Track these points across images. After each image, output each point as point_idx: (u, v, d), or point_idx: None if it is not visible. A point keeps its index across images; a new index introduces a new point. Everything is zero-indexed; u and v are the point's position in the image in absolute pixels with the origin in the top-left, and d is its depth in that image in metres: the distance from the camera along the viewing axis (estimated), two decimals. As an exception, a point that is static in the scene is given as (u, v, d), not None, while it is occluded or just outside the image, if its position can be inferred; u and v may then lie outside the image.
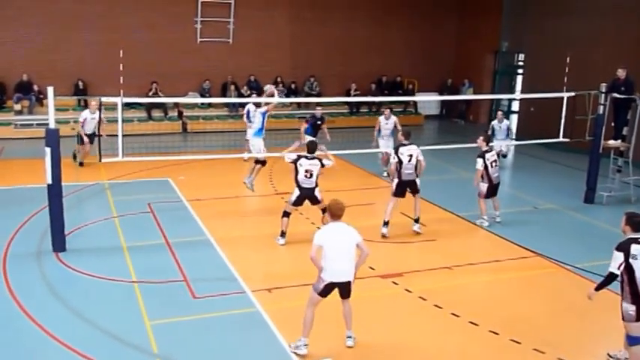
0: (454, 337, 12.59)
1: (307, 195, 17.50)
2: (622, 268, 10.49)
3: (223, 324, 12.82)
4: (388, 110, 25.53)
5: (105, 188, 22.28)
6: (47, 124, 15.75)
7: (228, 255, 16.35)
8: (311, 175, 17.52)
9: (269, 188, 22.72)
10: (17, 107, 31.91)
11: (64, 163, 16.24)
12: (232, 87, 35.75)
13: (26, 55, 32.47)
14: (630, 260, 10.44)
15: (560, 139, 21.47)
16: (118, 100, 17.14)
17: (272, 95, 21.57)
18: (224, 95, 35.68)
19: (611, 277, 10.64)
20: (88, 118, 25.05)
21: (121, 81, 21.19)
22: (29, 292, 13.82)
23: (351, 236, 11.52)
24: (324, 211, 17.26)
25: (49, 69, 32.09)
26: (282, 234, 17.50)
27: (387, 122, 25.16)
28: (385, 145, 24.36)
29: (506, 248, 17.78)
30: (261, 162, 20.52)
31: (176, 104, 34.48)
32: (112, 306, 13.40)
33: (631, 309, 10.50)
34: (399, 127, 23.70)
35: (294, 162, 17.48)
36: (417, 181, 18.34)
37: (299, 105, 37.37)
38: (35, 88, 32.07)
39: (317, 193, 17.64)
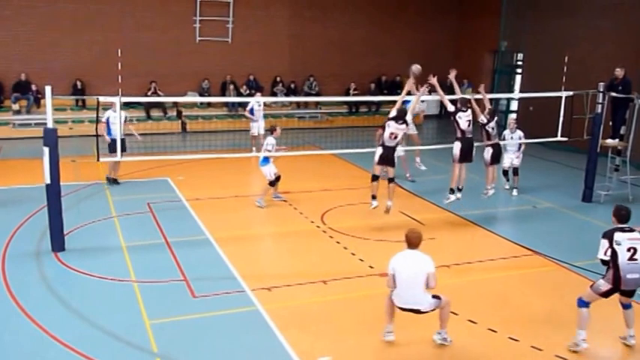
0: (453, 335, 12.45)
1: (388, 154, 18.16)
2: (608, 253, 11.46)
3: (223, 323, 12.82)
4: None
5: (104, 188, 22.30)
6: (45, 124, 15.78)
7: (227, 254, 16.35)
8: (395, 137, 18.11)
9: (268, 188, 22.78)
10: (15, 107, 31.96)
11: (62, 163, 16.19)
12: (231, 86, 35.80)
13: (24, 54, 32.53)
14: (614, 246, 11.41)
15: (559, 138, 21.52)
16: (117, 100, 17.16)
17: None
18: (223, 95, 35.73)
19: (603, 263, 11.67)
20: (112, 117, 21.67)
21: (120, 80, 21.19)
22: (28, 292, 13.82)
23: (424, 265, 11.56)
24: (390, 180, 18.53)
25: (47, 69, 32.19)
26: (373, 197, 18.54)
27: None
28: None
29: (505, 246, 17.85)
30: (272, 183, 20.55)
31: (175, 104, 34.56)
32: (111, 305, 13.39)
33: (605, 287, 11.67)
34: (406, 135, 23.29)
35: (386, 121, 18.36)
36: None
37: (298, 105, 37.44)
38: (33, 87, 32.09)
39: (395, 156, 18.55)
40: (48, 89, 15.42)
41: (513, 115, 34.24)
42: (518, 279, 15.65)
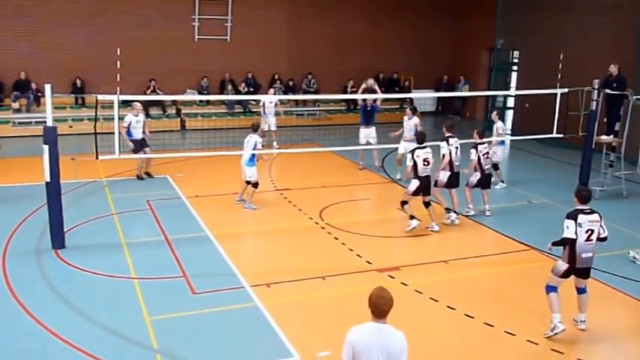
0: (450, 330, 12.74)
1: (426, 184, 18.17)
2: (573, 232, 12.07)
3: (222, 319, 12.91)
4: (410, 110, 24.77)
5: (103, 185, 22.37)
6: (45, 122, 15.83)
7: (226, 251, 16.43)
8: (428, 163, 18.02)
9: (268, 184, 22.83)
10: (15, 105, 31.94)
11: (62, 161, 16.28)
12: (230, 84, 35.87)
13: (24, 53, 32.48)
14: (577, 227, 12.09)
15: (554, 134, 21.61)
16: (115, 98, 17.24)
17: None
18: (222, 93, 35.76)
19: (568, 241, 12.20)
20: (133, 122, 22.86)
21: (118, 79, 21.28)
22: (29, 290, 13.90)
23: (394, 351, 7.70)
24: (426, 205, 18.33)
25: (46, 67, 32.16)
26: (412, 217, 18.13)
27: (407, 122, 24.17)
28: (404, 147, 23.37)
29: (501, 242, 17.96)
30: (255, 185, 20.57)
31: (174, 102, 34.60)
32: (111, 302, 13.48)
33: (563, 267, 12.30)
34: (420, 128, 23.18)
35: (412, 153, 18.06)
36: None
37: (297, 102, 37.53)
38: (33, 86, 32.03)
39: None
40: (48, 88, 15.50)
41: (509, 118, 34.60)
42: (514, 274, 15.73)
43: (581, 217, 12.13)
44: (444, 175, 19.08)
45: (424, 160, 17.85)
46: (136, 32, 33.88)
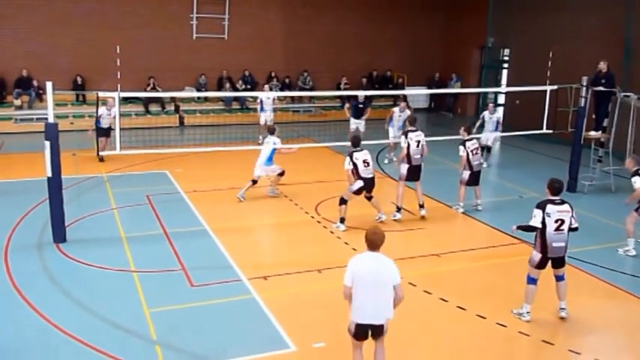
0: (443, 322, 12.92)
1: (369, 185, 18.10)
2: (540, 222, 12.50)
3: (220, 311, 13.05)
4: (404, 103, 26.07)
5: (104, 181, 22.45)
6: (46, 119, 15.98)
7: (224, 244, 16.59)
8: (369, 164, 17.95)
9: (264, 179, 22.94)
10: (17, 102, 32.14)
11: (63, 157, 16.42)
12: (227, 82, 36.07)
13: (26, 51, 32.67)
14: (545, 217, 12.52)
15: (544, 130, 21.87)
16: (116, 95, 17.41)
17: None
18: (220, 90, 35.93)
19: (532, 229, 12.75)
20: (104, 114, 24.33)
21: (119, 76, 21.45)
22: (31, 283, 14.04)
23: (389, 273, 9.61)
24: (369, 198, 18.41)
25: (48, 65, 32.31)
26: (342, 220, 18.17)
27: (400, 115, 25.82)
28: (394, 136, 25.06)
29: (493, 235, 18.14)
30: (281, 173, 20.87)
31: (173, 98, 34.74)
32: (111, 295, 13.61)
33: (537, 257, 12.79)
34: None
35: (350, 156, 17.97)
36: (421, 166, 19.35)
37: (292, 99, 37.74)
38: (35, 83, 32.26)
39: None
40: (49, 85, 15.66)
41: (501, 102, 34.83)
42: (505, 267, 15.91)
43: (550, 207, 12.54)
44: (403, 168, 19.19)
45: (364, 161, 17.84)
46: (136, 31, 34.05)
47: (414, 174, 19.24)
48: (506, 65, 37.73)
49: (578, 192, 22.28)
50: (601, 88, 22.29)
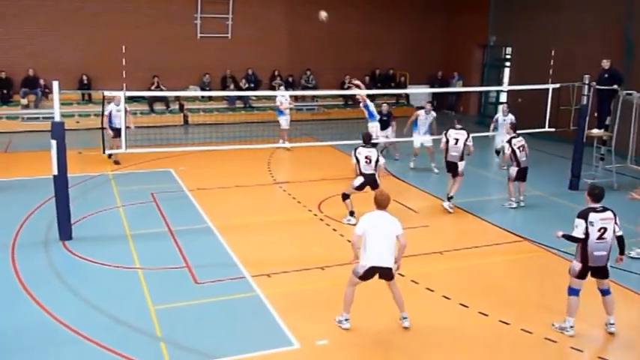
0: (446, 319, 12.96)
1: (369, 181, 18.20)
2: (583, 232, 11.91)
3: (224, 308, 13.12)
4: (429, 105, 25.43)
5: (109, 179, 22.59)
6: (53, 118, 16.11)
7: (228, 242, 16.69)
8: (370, 161, 18.13)
9: (267, 178, 23.06)
10: (24, 101, 32.34)
11: (69, 155, 16.53)
12: (231, 81, 36.16)
13: (32, 51, 32.86)
14: (588, 226, 11.92)
15: (546, 128, 21.96)
16: (121, 94, 17.48)
17: None
18: (223, 89, 36.02)
19: (576, 240, 12.07)
20: (114, 111, 23.56)
21: (124, 75, 21.55)
22: (37, 280, 14.13)
23: (393, 226, 11.99)
24: (345, 197, 18.59)
25: (54, 64, 32.47)
26: (351, 213, 18.46)
27: (426, 117, 25.14)
28: (419, 140, 24.78)
29: (495, 233, 18.19)
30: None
31: (177, 97, 34.83)
32: (117, 292, 13.70)
33: (577, 266, 12.16)
34: (435, 126, 24.34)
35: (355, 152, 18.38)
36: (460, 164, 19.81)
37: (296, 97, 37.82)
38: (41, 82, 32.45)
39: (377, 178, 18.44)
40: (55, 84, 15.74)
41: (503, 100, 34.80)
42: (508, 265, 16.06)
43: (592, 216, 11.98)
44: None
45: (365, 157, 18.07)
46: (141, 30, 34.17)
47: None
48: (508, 64, 37.70)
49: (580, 190, 22.12)
50: (602, 87, 22.37)
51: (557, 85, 21.77)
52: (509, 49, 37.49)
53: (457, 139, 19.52)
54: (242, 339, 11.86)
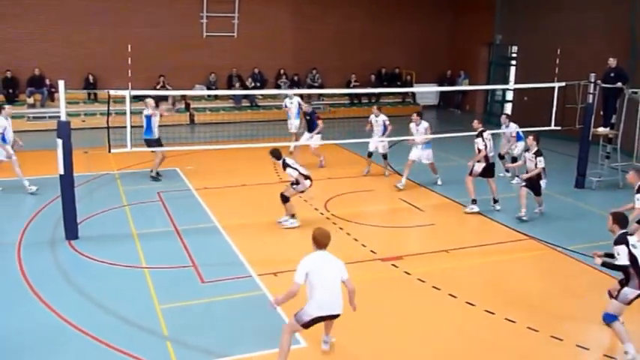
0: (452, 317, 12.96)
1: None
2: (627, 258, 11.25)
3: (231, 307, 13.15)
4: (416, 115, 22.99)
5: (115, 178, 22.66)
6: (59, 117, 16.13)
7: (234, 241, 16.71)
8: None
9: (274, 177, 23.06)
10: (30, 101, 32.39)
11: (75, 154, 16.57)
12: (237, 80, 36.19)
13: (38, 50, 32.94)
14: (631, 250, 11.28)
15: (552, 127, 21.85)
16: (127, 93, 17.50)
17: None
18: (229, 88, 36.06)
19: (621, 267, 11.37)
20: (151, 115, 22.44)
21: (129, 74, 21.54)
22: (43, 279, 14.16)
23: (337, 269, 10.59)
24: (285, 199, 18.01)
25: (60, 63, 32.55)
26: (293, 216, 18.09)
27: (417, 129, 22.53)
28: (417, 155, 22.41)
29: (501, 232, 18.19)
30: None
31: (183, 96, 34.85)
32: (123, 291, 13.73)
33: (633, 294, 11.34)
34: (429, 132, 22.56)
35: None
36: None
37: (301, 96, 37.79)
38: (47, 82, 32.49)
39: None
40: (61, 83, 15.80)
41: (507, 110, 34.74)
42: (514, 263, 16.03)
43: (631, 239, 11.49)
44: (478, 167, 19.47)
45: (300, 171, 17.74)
46: (147, 30, 34.26)
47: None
48: (513, 62, 37.68)
49: (586, 188, 22.36)
50: (607, 85, 22.36)
51: (563, 84, 21.75)
52: (515, 48, 37.49)
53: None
54: (249, 338, 11.87)
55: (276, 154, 17.83)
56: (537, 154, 18.60)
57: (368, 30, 39.80)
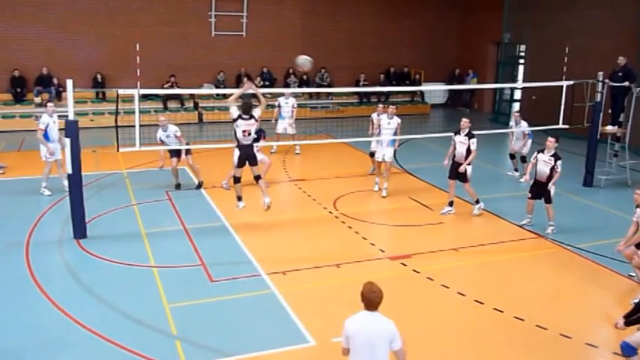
0: (461, 315, 12.99)
1: (248, 154, 16.69)
2: None
3: (240, 306, 13.15)
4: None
5: (124, 177, 22.69)
6: (67, 116, 16.11)
7: (243, 240, 16.73)
8: (249, 134, 16.50)
9: (283, 175, 23.06)
10: (37, 100, 32.28)
11: (84, 154, 16.62)
12: (245, 78, 36.15)
13: (46, 49, 32.98)
14: None
15: (560, 125, 21.74)
16: (135, 92, 17.52)
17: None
18: (238, 86, 36.00)
19: None
20: (163, 137, 21.23)
21: (138, 73, 21.52)
22: (52, 278, 14.21)
23: (387, 333, 8.32)
24: (257, 178, 17.07)
25: (68, 62, 32.63)
26: (239, 198, 17.21)
27: (389, 122, 20.98)
28: (380, 152, 21.14)
29: (510, 230, 18.16)
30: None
31: (192, 95, 34.86)
32: (132, 290, 13.76)
33: None
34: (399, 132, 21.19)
35: (233, 121, 16.55)
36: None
37: (310, 95, 37.83)
38: (55, 81, 32.43)
39: (257, 152, 17.16)
40: (69, 82, 15.76)
41: (516, 108, 34.60)
42: (523, 261, 15.99)
43: None
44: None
45: (243, 131, 16.39)
46: (155, 28, 34.28)
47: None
48: (522, 61, 37.62)
49: (594, 186, 22.38)
50: (617, 84, 22.32)
51: (571, 82, 21.64)
52: (523, 47, 37.41)
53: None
54: (257, 336, 11.87)
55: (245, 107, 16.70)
56: (557, 157, 17.78)
57: (377, 29, 39.80)
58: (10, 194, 20.70)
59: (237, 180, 17.07)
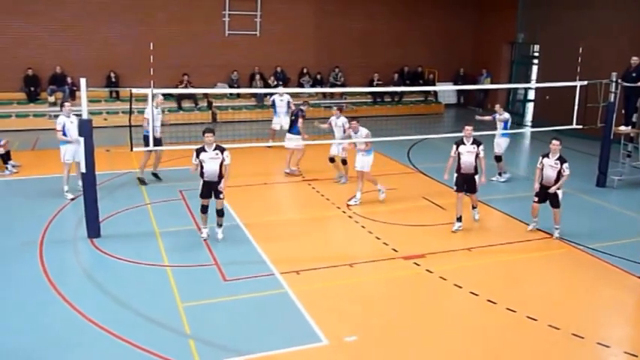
0: (473, 315, 12.98)
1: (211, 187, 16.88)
2: None
3: (253, 305, 13.14)
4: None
5: (137, 176, 22.56)
6: (80, 115, 16.20)
7: (257, 239, 16.72)
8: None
9: (295, 175, 23.10)
10: (51, 99, 32.42)
11: (97, 153, 16.58)
12: (258, 77, 36.18)
13: (59, 48, 33.11)
14: None
15: (574, 125, 21.71)
16: (149, 92, 17.52)
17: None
18: (251, 86, 36.09)
19: None
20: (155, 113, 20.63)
21: (152, 73, 21.54)
22: (66, 278, 14.24)
23: None
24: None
25: (81, 61, 32.74)
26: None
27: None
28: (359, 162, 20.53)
29: (522, 230, 18.06)
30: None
31: (205, 95, 34.89)
32: (145, 289, 13.78)
33: None
34: (347, 131, 21.47)
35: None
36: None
37: (324, 95, 37.83)
38: (69, 80, 32.55)
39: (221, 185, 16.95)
40: (83, 81, 15.74)
41: (530, 110, 34.56)
42: (535, 261, 15.96)
43: None
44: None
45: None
46: (169, 27, 34.34)
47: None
48: (535, 61, 37.59)
49: (607, 187, 22.32)
50: (630, 84, 22.26)
51: (585, 83, 21.59)
52: (537, 47, 37.40)
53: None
54: (271, 336, 11.88)
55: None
56: (562, 159, 17.31)
57: (391, 28, 39.74)
58: (24, 193, 20.74)
59: (204, 210, 16.90)
